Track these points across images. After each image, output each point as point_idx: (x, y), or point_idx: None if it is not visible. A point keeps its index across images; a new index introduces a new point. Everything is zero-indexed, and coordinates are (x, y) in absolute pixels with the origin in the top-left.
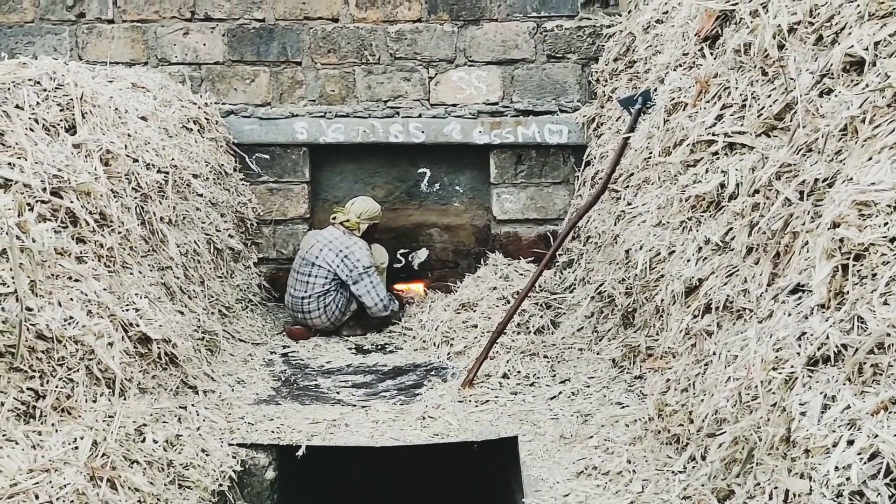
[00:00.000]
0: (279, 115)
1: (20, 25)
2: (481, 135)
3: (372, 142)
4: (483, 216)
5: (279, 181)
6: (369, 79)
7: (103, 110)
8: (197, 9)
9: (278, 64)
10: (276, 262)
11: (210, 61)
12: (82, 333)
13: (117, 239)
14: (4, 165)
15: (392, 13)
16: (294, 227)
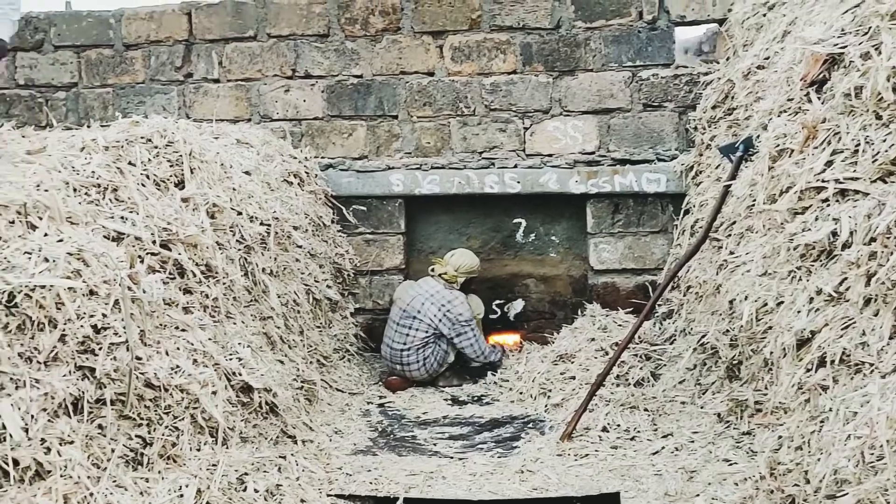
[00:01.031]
0: (376, 168)
1: (132, 86)
2: (577, 184)
3: (467, 192)
4: (580, 266)
5: (375, 232)
6: (464, 130)
7: (210, 166)
8: (298, 67)
9: (375, 118)
10: (373, 312)
11: (310, 117)
12: (188, 382)
13: (222, 289)
14: (118, 219)
15: (487, 66)
16: (390, 278)
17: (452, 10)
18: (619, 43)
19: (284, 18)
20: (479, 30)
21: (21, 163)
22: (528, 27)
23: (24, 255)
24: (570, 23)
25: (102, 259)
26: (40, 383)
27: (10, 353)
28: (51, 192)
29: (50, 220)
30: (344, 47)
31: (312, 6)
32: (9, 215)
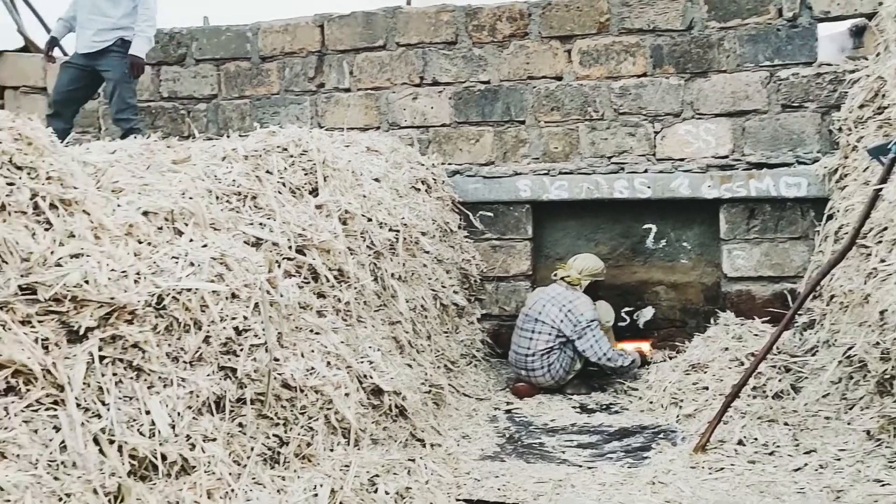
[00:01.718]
0: (503, 174)
1: (267, 97)
2: (710, 189)
3: (596, 198)
4: (712, 273)
5: (502, 238)
6: (593, 135)
7: (342, 173)
8: (426, 74)
9: (502, 123)
10: (499, 318)
11: (437, 123)
12: (322, 384)
13: (353, 294)
14: (257, 225)
15: (616, 69)
16: (516, 284)
17: (580, 13)
18: (755, 42)
19: (413, 27)
20: (607, 33)
21: (168, 172)
22: (658, 29)
23: (172, 259)
24: (703, 23)
25: (243, 264)
26: (186, 382)
27: (159, 353)
28: (195, 200)
29: (195, 226)
30: (471, 54)
31: (441, 14)
32: (158, 222)
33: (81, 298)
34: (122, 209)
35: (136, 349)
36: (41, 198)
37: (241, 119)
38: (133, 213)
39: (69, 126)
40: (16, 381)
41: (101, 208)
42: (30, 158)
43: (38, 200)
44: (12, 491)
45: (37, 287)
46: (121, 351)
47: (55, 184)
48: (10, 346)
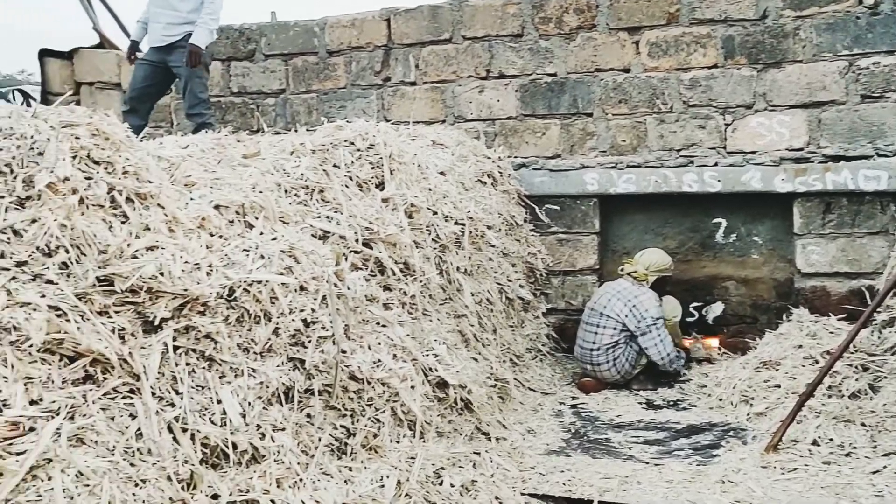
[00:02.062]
0: (569, 167)
1: (334, 91)
2: (784, 183)
3: (664, 192)
4: (785, 269)
5: (568, 232)
6: (661, 128)
7: (408, 167)
8: (492, 67)
9: (569, 116)
10: (565, 312)
11: (503, 116)
12: (388, 376)
13: (419, 287)
14: (324, 219)
15: (685, 60)
16: (583, 279)
17: (649, 4)
18: (833, 31)
19: (479, 20)
20: (677, 24)
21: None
22: (730, 19)
23: (243, 252)
24: (778, 12)
25: (311, 256)
26: (256, 373)
27: (231, 344)
28: (265, 194)
29: (265, 219)
30: (538, 46)
31: (507, 7)
32: (229, 215)
33: (156, 290)
34: (194, 203)
35: (208, 340)
36: (118, 192)
37: (308, 113)
38: (205, 207)
39: (144, 122)
40: (94, 370)
41: (174, 202)
42: (107, 153)
43: (114, 194)
44: (91, 476)
45: (114, 278)
46: (194, 341)
47: (131, 178)
48: (89, 336)
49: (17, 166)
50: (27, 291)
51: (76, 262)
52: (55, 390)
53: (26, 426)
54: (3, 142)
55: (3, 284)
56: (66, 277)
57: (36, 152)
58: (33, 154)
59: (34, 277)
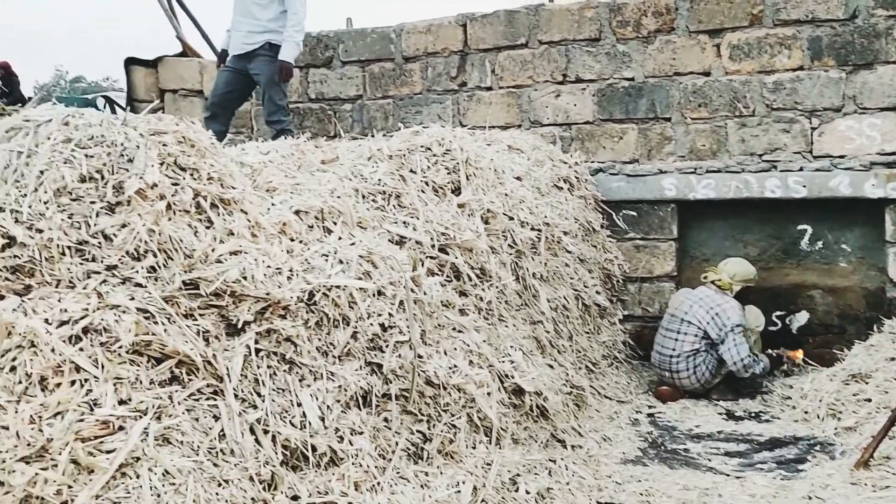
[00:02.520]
0: (647, 172)
1: (410, 97)
2: (875, 188)
3: (745, 197)
4: (875, 278)
5: (646, 238)
6: (742, 132)
7: (484, 172)
8: (568, 72)
9: (646, 121)
10: (642, 319)
11: (580, 121)
12: (465, 382)
13: (495, 293)
14: (401, 224)
15: (769, 63)
16: (660, 285)
17: (731, 6)
18: None
19: (556, 24)
20: (760, 25)
21: (317, 171)
22: (817, 20)
23: (322, 256)
24: (869, 11)
25: (389, 262)
26: (335, 376)
27: (310, 348)
28: (343, 199)
29: (343, 224)
30: (615, 50)
31: (584, 11)
32: (308, 220)
33: (239, 293)
34: (276, 208)
35: (288, 343)
36: (203, 197)
37: (384, 118)
38: (286, 212)
39: (225, 128)
40: (179, 371)
41: (257, 207)
42: (192, 160)
43: (200, 200)
44: (177, 475)
45: (199, 282)
46: (275, 344)
47: (215, 184)
48: (175, 338)
49: (107, 172)
50: (117, 294)
51: (163, 266)
52: (143, 391)
53: (116, 425)
54: (95, 149)
55: (94, 287)
56: (153, 281)
57: (126, 159)
58: (123, 161)
59: (123, 281)
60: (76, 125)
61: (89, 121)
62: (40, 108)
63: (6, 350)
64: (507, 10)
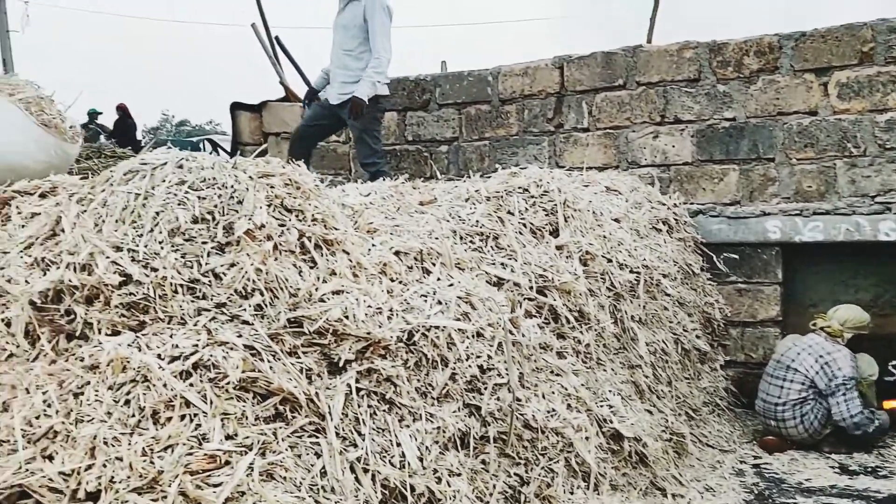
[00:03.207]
0: (749, 214)
1: (506, 138)
2: None
3: (856, 240)
4: None
5: (748, 282)
6: (853, 172)
7: (582, 214)
8: (667, 112)
9: (748, 161)
10: (745, 365)
11: (678, 162)
12: (563, 426)
13: (593, 336)
14: (499, 265)
15: (881, 101)
16: (764, 330)
17: (839, 44)
18: None
19: (654, 66)
20: (871, 63)
21: (416, 213)
22: None
23: (421, 297)
24: None
25: (487, 303)
26: (434, 417)
27: (409, 388)
28: (442, 240)
29: (442, 265)
30: (715, 91)
31: (683, 51)
32: (408, 261)
33: (341, 332)
34: (376, 249)
35: (388, 383)
36: (307, 238)
37: (480, 160)
38: (386, 253)
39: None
40: (283, 408)
41: (358, 248)
42: (298, 202)
43: (304, 240)
44: None
45: (303, 320)
46: (375, 384)
47: (319, 225)
48: (280, 375)
49: (218, 214)
50: (225, 331)
51: (269, 305)
52: (248, 426)
53: (223, 459)
54: (207, 191)
55: (204, 324)
56: (260, 318)
57: (236, 201)
58: (233, 202)
59: (232, 318)
60: (190, 168)
61: (202, 164)
62: (156, 152)
63: (121, 384)
64: (605, 52)
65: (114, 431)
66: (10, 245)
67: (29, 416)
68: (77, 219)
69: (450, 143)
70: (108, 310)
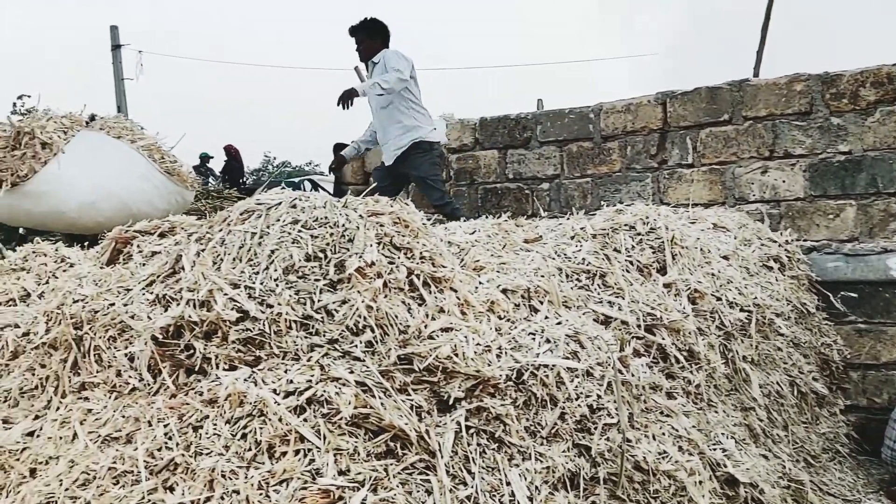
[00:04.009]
0: (869, 251)
1: (608, 175)
2: None
3: None
4: None
5: (869, 322)
6: None
7: (690, 251)
8: (776, 147)
9: (866, 196)
10: (867, 410)
11: (789, 198)
12: (675, 468)
13: (703, 376)
14: (605, 304)
15: None
16: (889, 374)
17: None
18: None
19: (761, 99)
20: None
21: (521, 251)
22: None
23: (529, 335)
24: None
25: (596, 342)
26: (543, 457)
27: (519, 427)
28: (548, 278)
29: (549, 304)
30: (828, 124)
31: (793, 84)
32: (515, 299)
33: (451, 370)
34: (483, 287)
35: (497, 421)
36: (416, 276)
37: (582, 197)
38: (493, 291)
39: None
40: (394, 445)
41: (466, 286)
42: (406, 240)
43: (413, 278)
44: None
45: (413, 357)
46: (484, 422)
47: (427, 263)
48: (391, 412)
49: (330, 252)
50: (338, 367)
51: (380, 341)
52: (360, 462)
53: (336, 495)
54: (319, 230)
55: (317, 360)
56: (371, 355)
57: (346, 239)
58: (344, 241)
59: (343, 354)
60: (303, 208)
61: (314, 203)
62: (271, 192)
63: (238, 418)
64: (709, 87)
65: (231, 465)
66: (133, 282)
67: (151, 448)
68: (196, 257)
69: (551, 180)
70: (225, 345)
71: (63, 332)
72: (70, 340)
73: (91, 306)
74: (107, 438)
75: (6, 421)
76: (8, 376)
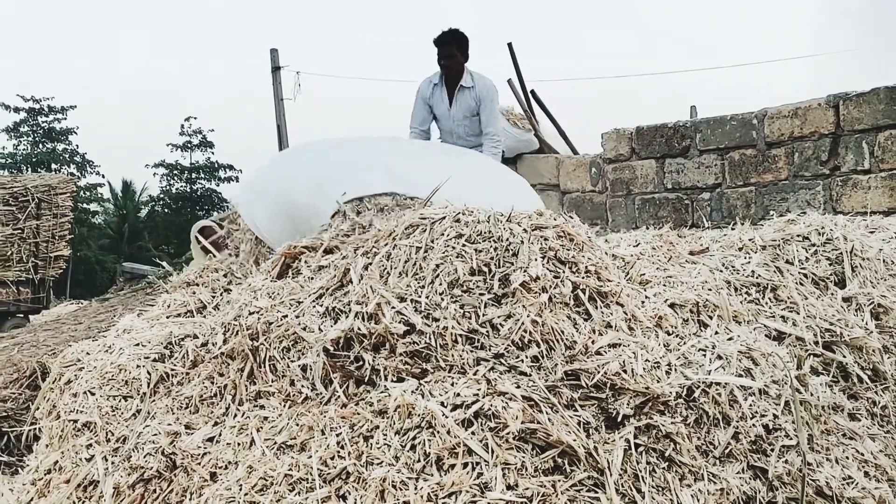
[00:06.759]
0: None
1: (774, 183)
2: None
3: None
4: None
5: None
6: None
7: (872, 263)
8: None
9: None
10: None
11: None
12: (862, 496)
13: (890, 397)
14: (778, 318)
15: None
16: None
17: None
18: None
19: None
20: None
21: (686, 263)
22: None
23: (699, 352)
24: None
25: (770, 359)
26: (716, 478)
27: (690, 446)
28: (716, 292)
29: (718, 318)
30: None
31: None
32: (683, 314)
33: (619, 386)
34: (650, 301)
35: (667, 440)
36: (581, 290)
37: (745, 206)
38: (661, 305)
39: None
40: (561, 461)
41: (632, 300)
42: (571, 254)
43: (578, 292)
44: None
45: (580, 373)
46: (653, 440)
47: (593, 277)
48: (559, 428)
49: (494, 266)
50: (504, 381)
51: (546, 356)
52: (528, 477)
53: None
54: (483, 244)
55: (483, 374)
56: (537, 370)
57: (510, 253)
58: (508, 255)
59: (509, 369)
60: (466, 222)
61: (478, 217)
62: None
63: (407, 429)
64: (888, 87)
65: (401, 475)
66: (303, 295)
67: (325, 457)
68: (364, 270)
69: (712, 189)
70: (393, 357)
71: (240, 343)
72: (247, 351)
73: (266, 318)
74: (282, 446)
75: (188, 426)
76: (189, 384)
